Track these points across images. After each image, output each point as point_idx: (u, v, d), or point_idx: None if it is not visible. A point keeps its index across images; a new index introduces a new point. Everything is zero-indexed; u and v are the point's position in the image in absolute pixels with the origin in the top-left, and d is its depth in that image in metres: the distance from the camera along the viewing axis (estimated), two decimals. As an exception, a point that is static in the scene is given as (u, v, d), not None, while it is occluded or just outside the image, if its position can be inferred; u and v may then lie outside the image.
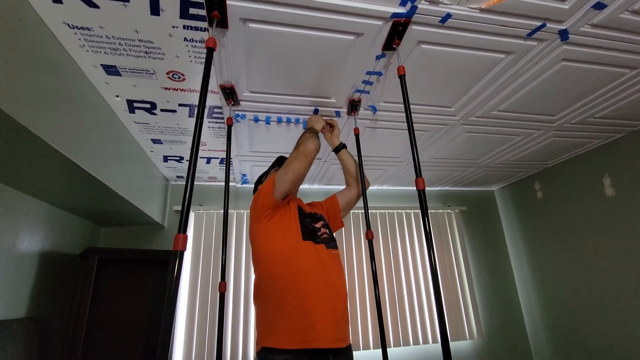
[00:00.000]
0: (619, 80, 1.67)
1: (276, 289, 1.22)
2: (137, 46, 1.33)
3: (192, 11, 1.18)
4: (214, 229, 2.74)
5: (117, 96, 1.65)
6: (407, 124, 1.19)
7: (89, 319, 1.92)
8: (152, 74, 1.50)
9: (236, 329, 2.52)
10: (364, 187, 1.61)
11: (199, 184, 2.88)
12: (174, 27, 1.25)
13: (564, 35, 1.31)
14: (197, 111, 1.00)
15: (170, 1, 1.13)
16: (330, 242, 1.37)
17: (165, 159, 2.41)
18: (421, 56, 1.41)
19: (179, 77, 1.54)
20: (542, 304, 2.94)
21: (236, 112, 1.76)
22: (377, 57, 1.40)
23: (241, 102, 1.67)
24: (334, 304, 1.22)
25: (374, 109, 1.79)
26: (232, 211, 2.82)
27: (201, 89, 1.04)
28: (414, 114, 1.80)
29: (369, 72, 1.50)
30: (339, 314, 1.21)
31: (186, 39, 1.31)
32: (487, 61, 1.47)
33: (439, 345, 2.81)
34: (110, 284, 2.23)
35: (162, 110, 1.79)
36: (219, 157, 2.44)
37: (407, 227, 3.13)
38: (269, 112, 1.79)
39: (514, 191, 3.30)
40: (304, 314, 1.15)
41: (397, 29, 1.24)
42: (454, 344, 2.84)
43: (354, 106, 1.73)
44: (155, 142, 2.14)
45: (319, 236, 1.34)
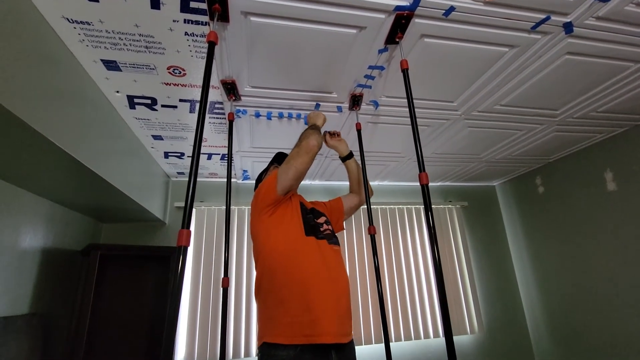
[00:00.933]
0: (622, 74, 1.66)
1: (278, 284, 1.22)
2: (137, 41, 1.32)
3: (193, 5, 1.17)
4: (215, 225, 2.74)
5: (118, 92, 1.64)
6: (410, 119, 1.18)
7: (92, 315, 1.92)
8: (153, 69, 1.49)
9: (238, 324, 2.52)
10: (367, 193, 1.62)
11: (200, 180, 2.87)
12: (174, 21, 1.23)
13: (568, 28, 1.30)
14: (199, 107, 0.99)
15: (170, -5, 1.12)
16: (332, 238, 1.37)
17: (166, 155, 2.41)
18: (424, 50, 1.40)
19: (180, 72, 1.53)
20: (542, 299, 2.95)
21: (237, 108, 1.75)
22: (380, 51, 1.39)
23: (242, 98, 1.66)
24: (337, 299, 1.22)
25: (376, 104, 1.78)
26: (233, 207, 2.81)
27: (203, 84, 1.03)
28: (415, 109, 1.79)
29: (371, 67, 1.49)
30: (341, 309, 1.21)
31: (187, 33, 1.30)
32: (491, 55, 1.46)
33: (440, 339, 2.84)
34: (112, 280, 2.23)
35: (163, 105, 1.77)
36: (219, 153, 2.44)
37: (409, 222, 3.13)
38: (271, 108, 1.78)
39: (515, 186, 3.29)
40: (306, 310, 1.15)
41: (400, 22, 1.22)
42: (455, 338, 2.85)
43: (355, 101, 1.72)
44: (156, 138, 2.13)
45: (322, 232, 1.34)
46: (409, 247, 3.04)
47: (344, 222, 1.66)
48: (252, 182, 2.94)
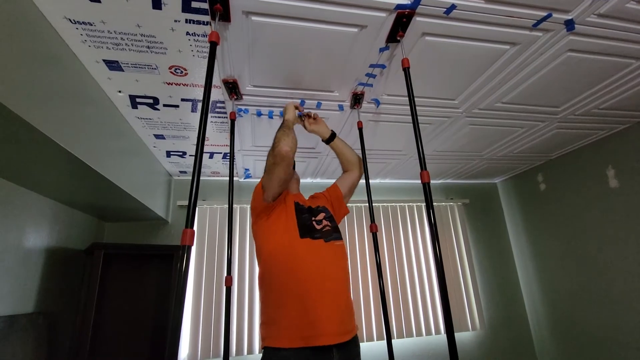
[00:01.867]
0: (624, 70, 1.65)
1: (275, 288, 1.24)
2: (139, 41, 1.32)
3: (194, 4, 1.17)
4: (218, 223, 2.75)
5: (120, 92, 1.65)
6: (411, 117, 1.18)
7: (96, 313, 1.94)
8: (155, 68, 1.49)
9: (241, 322, 2.54)
10: (367, 173, 1.61)
11: (202, 178, 2.85)
12: (176, 21, 1.24)
13: (570, 25, 1.30)
14: (201, 106, 1.00)
15: (172, -5, 1.13)
16: (331, 235, 1.37)
17: (168, 154, 2.41)
18: (425, 48, 1.40)
19: (182, 72, 1.53)
20: (544, 295, 2.96)
21: (239, 107, 1.76)
22: (381, 50, 1.39)
23: (244, 97, 1.67)
24: (336, 298, 1.22)
25: (377, 102, 1.78)
26: (235, 206, 2.82)
27: (205, 84, 1.03)
28: (417, 107, 1.79)
29: (372, 65, 1.49)
30: (341, 308, 1.22)
31: (188, 33, 1.30)
32: (492, 53, 1.46)
33: (442, 336, 2.85)
34: (115, 279, 2.25)
35: (165, 105, 1.78)
36: (221, 152, 2.44)
37: (410, 220, 3.14)
38: (272, 106, 1.78)
39: (517, 183, 3.29)
40: (304, 313, 1.16)
41: (401, 21, 1.22)
42: (457, 335, 2.86)
43: (357, 100, 1.72)
44: (158, 137, 2.14)
45: (319, 230, 1.34)
46: (410, 245, 3.05)
47: (347, 203, 1.62)
48: (254, 180, 2.95)
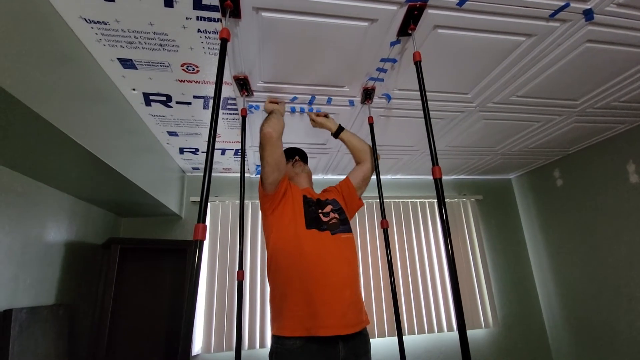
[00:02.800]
0: (647, 61, 1.59)
1: (281, 279, 1.27)
2: (151, 39, 1.34)
3: (205, 1, 1.18)
4: (230, 219, 2.79)
5: (134, 89, 1.68)
6: (423, 112, 1.17)
7: (113, 305, 2.00)
8: (167, 66, 1.51)
9: (253, 316, 2.58)
10: (376, 163, 1.61)
11: (214, 175, 2.92)
12: (187, 18, 1.25)
13: (588, 15, 1.26)
14: (212, 103, 1.01)
15: (183, -8, 1.14)
16: (339, 227, 1.37)
17: (181, 151, 2.45)
18: (437, 41, 1.38)
19: (193, 69, 1.55)
20: (560, 293, 2.89)
21: (250, 103, 1.77)
22: (392, 44, 1.37)
23: (254, 93, 1.68)
24: (340, 291, 1.23)
25: (389, 97, 1.76)
26: (247, 202, 2.85)
27: (216, 81, 1.04)
28: (429, 102, 1.77)
29: (383, 60, 1.48)
30: (345, 301, 1.22)
31: (200, 30, 1.31)
32: (507, 45, 1.42)
33: (454, 333, 2.82)
34: (131, 272, 2.31)
35: (178, 102, 1.81)
36: (233, 149, 2.47)
37: (422, 216, 3.11)
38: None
39: (532, 179, 3.22)
40: (306, 304, 1.18)
41: (413, 14, 1.20)
42: (469, 332, 2.83)
43: (367, 95, 1.71)
44: (171, 134, 2.17)
45: (325, 222, 1.35)
46: (422, 241, 3.03)
47: (361, 196, 1.62)
48: (265, 176, 2.97)
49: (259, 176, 2.93)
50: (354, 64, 1.50)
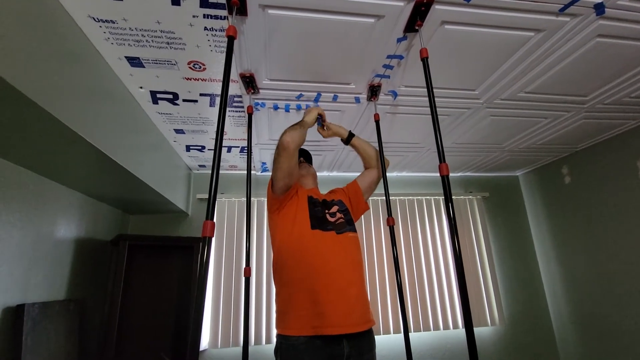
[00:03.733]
0: (659, 56, 1.56)
1: (286, 279, 1.28)
2: (159, 37, 1.35)
3: None
4: (236, 216, 2.80)
5: (141, 87, 1.69)
6: (430, 109, 1.16)
7: (122, 301, 2.03)
8: (174, 64, 1.52)
9: (260, 312, 2.60)
10: (384, 169, 1.61)
11: (220, 172, 2.92)
12: (194, 16, 1.25)
13: (599, 9, 1.24)
14: (220, 100, 1.01)
15: (190, -10, 1.14)
16: (344, 227, 1.37)
17: (187, 149, 2.47)
18: (444, 37, 1.36)
19: (200, 67, 1.56)
20: (567, 291, 2.87)
21: (256, 101, 1.77)
22: (398, 40, 1.37)
23: (260, 91, 1.68)
24: (345, 290, 1.23)
25: (395, 94, 1.75)
26: (253, 199, 2.86)
27: (223, 79, 1.05)
28: (435, 98, 1.76)
29: (389, 56, 1.47)
30: (351, 300, 1.23)
31: (206, 28, 1.32)
32: (515, 40, 1.40)
33: (460, 331, 2.82)
34: (140, 269, 2.33)
35: (184, 100, 1.82)
36: (239, 146, 2.48)
37: (428, 213, 3.10)
38: (288, 100, 1.79)
39: (540, 176, 3.18)
40: (312, 304, 1.19)
41: (420, 10, 1.20)
42: (475, 329, 2.80)
43: (373, 92, 1.71)
44: (178, 132, 2.19)
45: (331, 222, 1.36)
46: (428, 239, 3.02)
47: (367, 200, 1.62)
48: (270, 174, 2.98)
49: (264, 174, 2.98)
50: (360, 61, 1.50)
